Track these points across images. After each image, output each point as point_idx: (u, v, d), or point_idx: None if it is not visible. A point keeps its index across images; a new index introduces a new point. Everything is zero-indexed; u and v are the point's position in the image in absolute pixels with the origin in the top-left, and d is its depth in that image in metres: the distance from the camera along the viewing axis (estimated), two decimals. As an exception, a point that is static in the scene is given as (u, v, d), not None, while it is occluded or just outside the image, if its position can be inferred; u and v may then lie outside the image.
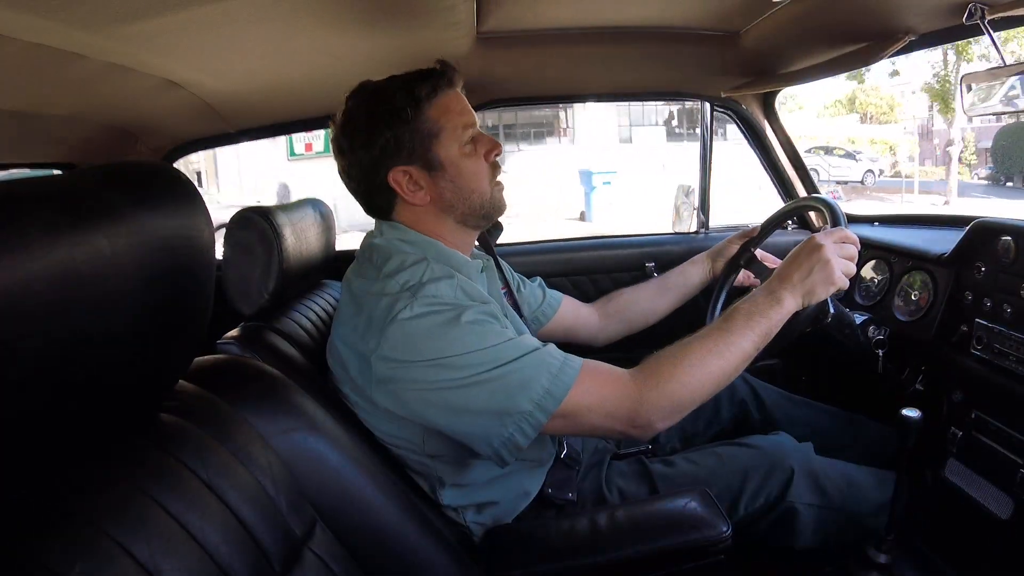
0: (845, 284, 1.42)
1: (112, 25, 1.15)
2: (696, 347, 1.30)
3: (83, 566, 0.60)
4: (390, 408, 1.28)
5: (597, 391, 1.24)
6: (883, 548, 1.41)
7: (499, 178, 1.48)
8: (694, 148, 2.82)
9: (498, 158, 1.48)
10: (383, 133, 1.34)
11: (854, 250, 1.45)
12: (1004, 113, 1.64)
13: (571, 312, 2.01)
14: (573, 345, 2.03)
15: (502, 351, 1.22)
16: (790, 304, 1.38)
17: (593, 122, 23.87)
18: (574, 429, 1.29)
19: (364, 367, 1.28)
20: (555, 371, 1.22)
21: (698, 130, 2.69)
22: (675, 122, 26.09)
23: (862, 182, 23.88)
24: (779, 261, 1.71)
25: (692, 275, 2.05)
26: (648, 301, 2.05)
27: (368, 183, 1.40)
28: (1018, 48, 14.18)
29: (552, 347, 1.28)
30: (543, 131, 24.85)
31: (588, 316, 2.04)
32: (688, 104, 17.06)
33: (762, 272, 1.94)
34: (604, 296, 2.11)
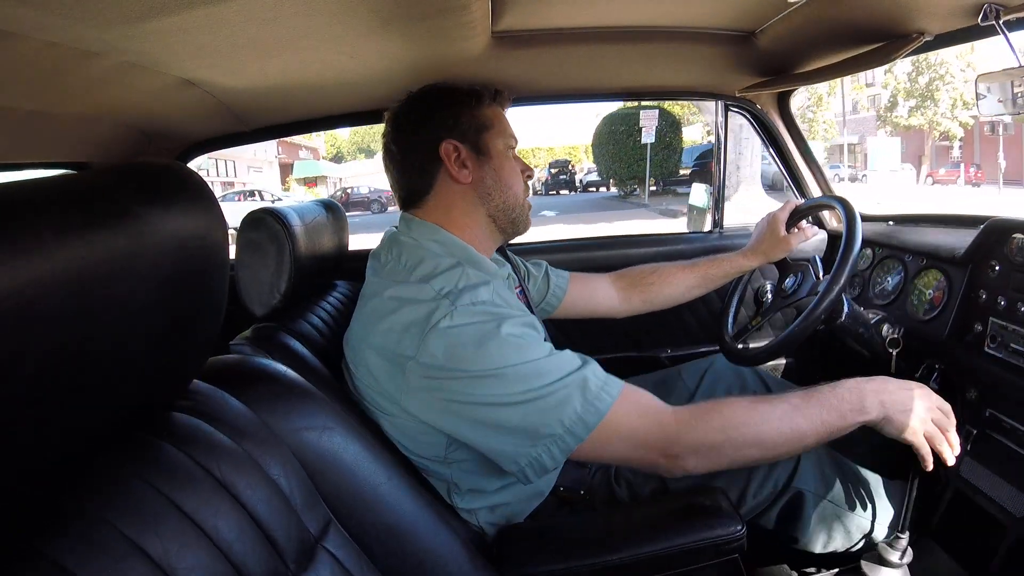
0: (920, 442, 1.33)
1: (127, 24, 1.15)
2: (759, 411, 1.25)
3: (96, 564, 0.60)
4: (421, 417, 1.27)
5: (631, 421, 1.21)
6: (896, 546, 1.40)
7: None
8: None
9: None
10: (444, 110, 1.49)
11: (948, 423, 1.37)
12: (1018, 114, 1.64)
13: (582, 295, 2.01)
14: (593, 320, 2.06)
15: (542, 369, 1.20)
16: (872, 417, 1.29)
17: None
18: (604, 456, 1.26)
19: (397, 374, 1.26)
20: (591, 396, 1.19)
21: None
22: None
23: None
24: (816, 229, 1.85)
25: (745, 266, 2.05)
26: (680, 295, 2.06)
27: (417, 154, 1.48)
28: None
29: (594, 367, 1.25)
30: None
31: (604, 293, 2.04)
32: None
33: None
34: (627, 270, 2.10)
